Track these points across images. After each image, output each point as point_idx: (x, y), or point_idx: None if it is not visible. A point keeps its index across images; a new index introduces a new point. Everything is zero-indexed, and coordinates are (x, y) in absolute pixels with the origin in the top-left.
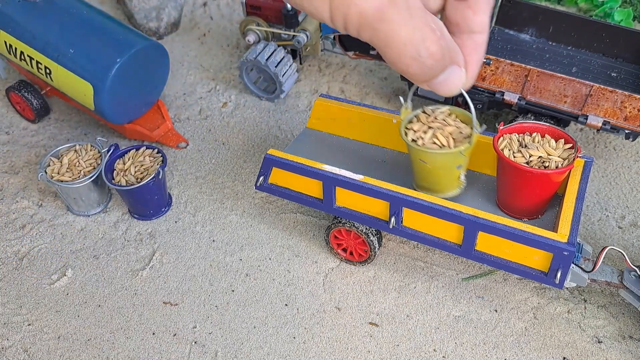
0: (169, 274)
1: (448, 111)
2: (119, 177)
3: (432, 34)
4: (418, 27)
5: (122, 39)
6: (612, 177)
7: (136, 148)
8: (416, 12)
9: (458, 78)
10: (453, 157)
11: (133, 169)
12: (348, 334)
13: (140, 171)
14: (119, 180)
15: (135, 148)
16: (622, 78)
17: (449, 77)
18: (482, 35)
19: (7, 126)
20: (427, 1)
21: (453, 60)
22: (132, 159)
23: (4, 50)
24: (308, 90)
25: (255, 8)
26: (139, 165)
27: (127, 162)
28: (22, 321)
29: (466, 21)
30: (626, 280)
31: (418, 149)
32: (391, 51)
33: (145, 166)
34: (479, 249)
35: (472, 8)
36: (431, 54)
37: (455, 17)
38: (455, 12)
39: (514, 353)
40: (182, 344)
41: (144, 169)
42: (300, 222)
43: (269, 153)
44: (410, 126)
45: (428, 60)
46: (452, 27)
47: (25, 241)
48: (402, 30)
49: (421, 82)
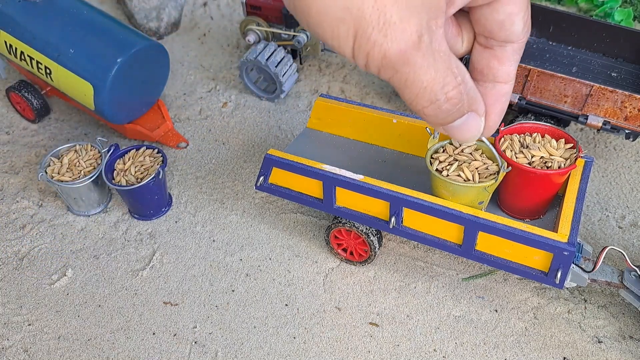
0: (169, 274)
1: (475, 145)
2: (119, 177)
3: (453, 80)
4: (440, 72)
5: (123, 39)
6: (612, 177)
7: (136, 148)
8: (440, 57)
9: (475, 126)
10: (476, 192)
11: (133, 169)
12: (348, 334)
13: (140, 171)
14: (119, 180)
15: (136, 148)
16: (622, 78)
17: (465, 123)
18: (507, 85)
19: (8, 126)
20: (455, 43)
21: (472, 107)
22: (132, 159)
23: (4, 50)
24: (308, 90)
25: (256, 8)
26: (139, 165)
27: (127, 162)
28: (23, 321)
29: (491, 70)
30: (626, 280)
31: (443, 179)
32: (409, 92)
33: (145, 166)
34: (479, 249)
35: (499, 58)
36: (449, 98)
37: (481, 65)
38: (481, 59)
39: (514, 353)
40: (182, 344)
41: (144, 169)
42: (301, 222)
43: (269, 153)
44: (436, 156)
45: (445, 105)
46: (477, 74)
47: (25, 241)
48: (424, 75)
49: (436, 125)
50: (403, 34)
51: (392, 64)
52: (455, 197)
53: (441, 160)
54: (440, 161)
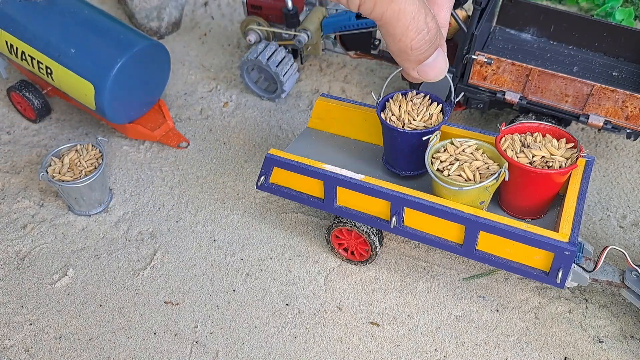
0: (170, 273)
1: (476, 145)
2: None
3: (429, 12)
4: (419, 4)
5: (123, 38)
6: (613, 176)
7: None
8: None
9: (443, 61)
10: (477, 192)
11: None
12: (349, 334)
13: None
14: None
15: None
16: (623, 77)
17: (436, 60)
18: None
19: (9, 126)
20: None
21: (439, 41)
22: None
23: (5, 50)
24: (309, 89)
25: (256, 7)
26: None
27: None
28: (24, 321)
29: None
30: (627, 280)
31: (443, 179)
32: (402, 25)
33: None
34: (480, 249)
35: (438, 5)
36: (430, 29)
37: None
38: None
39: (515, 353)
40: (183, 344)
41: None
42: (302, 221)
43: (270, 153)
44: (437, 156)
45: (427, 36)
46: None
47: (26, 241)
48: (410, 5)
49: (415, 62)
50: None
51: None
52: (456, 197)
53: (442, 160)
54: (441, 161)
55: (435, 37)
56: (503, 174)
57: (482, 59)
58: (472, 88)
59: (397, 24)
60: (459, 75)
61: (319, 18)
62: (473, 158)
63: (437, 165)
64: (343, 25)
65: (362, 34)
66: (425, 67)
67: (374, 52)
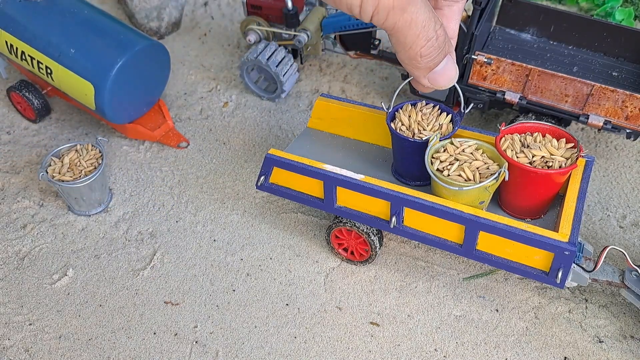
0: (170, 273)
1: (476, 145)
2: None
3: (438, 20)
4: (429, 13)
5: (123, 38)
6: (613, 176)
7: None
8: (426, 1)
9: (453, 68)
10: (477, 192)
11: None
12: (349, 334)
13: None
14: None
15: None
16: (623, 77)
17: (446, 67)
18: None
19: (8, 126)
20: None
21: (448, 49)
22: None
23: (5, 50)
24: (309, 89)
25: (256, 7)
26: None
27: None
28: (23, 321)
29: None
30: (627, 280)
31: (443, 179)
32: (413, 33)
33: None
34: (480, 249)
35: (447, 17)
36: (438, 36)
37: None
38: None
39: (515, 353)
40: (183, 344)
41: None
42: (301, 221)
43: (269, 153)
44: (437, 156)
45: (436, 43)
46: None
47: (26, 241)
48: (422, 14)
49: (427, 69)
50: None
51: (402, 5)
52: (456, 197)
53: (442, 160)
54: (441, 161)
55: (444, 44)
56: (503, 174)
57: (482, 59)
58: (472, 88)
59: (409, 32)
60: (459, 76)
61: (318, 18)
62: (473, 158)
63: (437, 165)
64: (343, 25)
65: (362, 34)
66: (435, 75)
67: (373, 52)
